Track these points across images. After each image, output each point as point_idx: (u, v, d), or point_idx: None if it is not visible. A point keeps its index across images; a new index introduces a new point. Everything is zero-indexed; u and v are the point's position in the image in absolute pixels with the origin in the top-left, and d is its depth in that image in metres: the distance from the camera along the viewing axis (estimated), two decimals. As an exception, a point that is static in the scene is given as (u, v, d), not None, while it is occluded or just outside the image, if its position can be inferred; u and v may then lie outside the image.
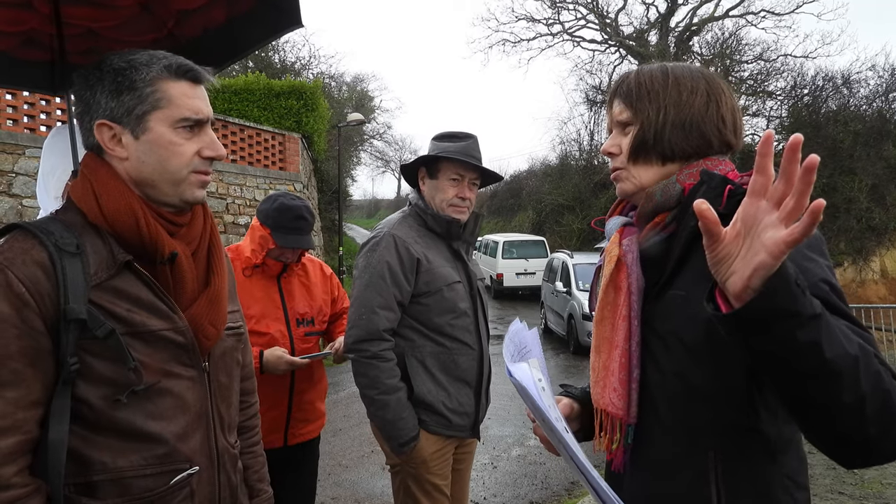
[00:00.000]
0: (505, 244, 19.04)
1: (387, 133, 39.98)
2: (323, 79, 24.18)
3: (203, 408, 1.26)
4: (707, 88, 1.18)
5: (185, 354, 1.23)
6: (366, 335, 2.22)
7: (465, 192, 2.37)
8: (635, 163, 1.20)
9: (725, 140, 1.18)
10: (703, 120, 1.16)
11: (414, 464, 2.27)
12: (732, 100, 1.21)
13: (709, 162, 1.16)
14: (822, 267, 1.00)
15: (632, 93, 1.21)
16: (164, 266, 1.21)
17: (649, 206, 1.18)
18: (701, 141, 1.17)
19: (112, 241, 1.17)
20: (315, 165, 15.61)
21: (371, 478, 5.03)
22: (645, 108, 1.19)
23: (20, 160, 6.86)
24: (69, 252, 1.11)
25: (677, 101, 1.17)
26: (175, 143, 1.19)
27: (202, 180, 1.24)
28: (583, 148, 25.68)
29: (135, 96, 1.17)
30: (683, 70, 1.21)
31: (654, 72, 1.22)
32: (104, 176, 1.19)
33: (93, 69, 1.20)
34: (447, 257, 2.39)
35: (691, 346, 1.06)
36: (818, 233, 0.97)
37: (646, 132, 1.18)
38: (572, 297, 11.02)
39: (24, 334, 1.06)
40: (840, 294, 0.98)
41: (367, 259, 2.31)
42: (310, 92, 13.83)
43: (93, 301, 1.11)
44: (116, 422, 1.14)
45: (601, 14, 24.84)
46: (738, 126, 1.21)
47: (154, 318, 1.18)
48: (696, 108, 1.17)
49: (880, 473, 4.72)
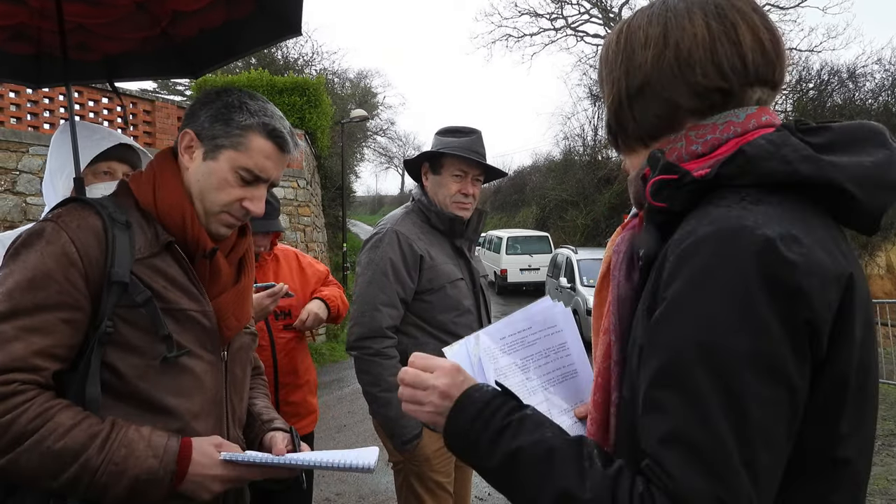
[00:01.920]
0: (509, 240, 19.04)
1: (390, 129, 40.05)
2: (326, 75, 24.21)
3: (218, 394, 1.33)
4: (664, 29, 0.88)
5: (207, 339, 1.30)
6: (368, 332, 2.22)
7: (468, 188, 2.36)
8: (621, 151, 1.01)
9: (705, 89, 0.86)
10: (659, 76, 0.88)
11: (417, 461, 2.27)
12: (712, 24, 0.86)
13: (692, 132, 0.88)
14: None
15: (600, 71, 1.00)
16: (204, 259, 1.31)
17: (633, 197, 0.97)
18: (665, 106, 0.89)
19: (157, 226, 1.26)
20: (318, 162, 15.60)
21: (375, 474, 5.03)
22: (604, 87, 0.98)
23: (24, 158, 6.87)
24: (120, 224, 1.21)
25: (628, 63, 0.91)
26: (227, 182, 1.29)
27: (230, 222, 1.34)
28: (587, 143, 25.62)
29: (225, 130, 1.29)
30: (640, 17, 0.92)
31: (615, 32, 0.96)
32: (168, 173, 1.32)
33: (214, 92, 1.34)
34: (450, 254, 2.38)
35: (635, 369, 0.85)
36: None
37: (609, 115, 0.97)
38: (577, 292, 11.01)
39: (64, 291, 1.14)
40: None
41: (370, 256, 2.30)
42: (313, 88, 13.79)
43: (134, 273, 1.20)
44: (139, 392, 1.19)
45: (604, 8, 24.75)
46: (729, 56, 0.85)
47: (186, 298, 1.27)
48: (650, 63, 0.88)
49: (886, 470, 4.70)
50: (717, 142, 0.86)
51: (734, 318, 0.72)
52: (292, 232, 10.53)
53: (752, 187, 0.80)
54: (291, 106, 13.79)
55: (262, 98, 1.35)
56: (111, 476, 1.11)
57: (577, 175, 24.02)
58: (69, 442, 1.08)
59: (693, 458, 0.71)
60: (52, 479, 1.08)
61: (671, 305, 0.77)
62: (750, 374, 0.71)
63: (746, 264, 0.72)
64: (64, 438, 1.08)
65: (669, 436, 0.73)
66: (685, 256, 0.77)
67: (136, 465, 1.12)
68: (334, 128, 18.29)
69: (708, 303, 0.73)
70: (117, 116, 8.63)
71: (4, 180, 6.66)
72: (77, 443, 1.09)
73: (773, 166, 0.79)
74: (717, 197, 0.81)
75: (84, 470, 1.09)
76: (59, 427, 1.08)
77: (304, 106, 13.62)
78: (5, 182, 6.67)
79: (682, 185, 0.82)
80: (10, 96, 7.34)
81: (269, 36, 2.14)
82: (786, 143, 0.80)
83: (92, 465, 1.10)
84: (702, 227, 0.77)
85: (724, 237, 0.75)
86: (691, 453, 0.71)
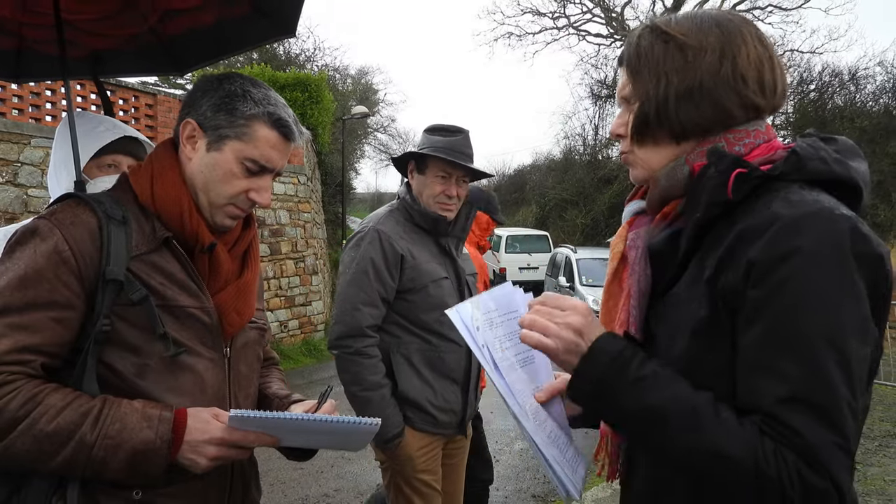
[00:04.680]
0: (508, 238, 19.03)
1: (391, 126, 39.88)
2: (327, 71, 24.13)
3: (221, 391, 1.30)
4: (720, 41, 0.97)
5: (208, 335, 1.28)
6: (348, 331, 2.21)
7: (451, 190, 2.34)
8: (641, 144, 1.05)
9: (751, 103, 0.98)
10: (715, 84, 0.97)
11: (400, 461, 2.26)
12: (758, 48, 0.98)
13: (730, 135, 0.99)
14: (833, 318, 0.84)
15: (631, 62, 1.05)
16: (203, 254, 1.28)
17: (655, 192, 1.04)
18: (716, 110, 0.98)
19: (155, 221, 1.25)
20: (319, 158, 15.58)
21: (374, 470, 5.04)
22: (644, 80, 1.02)
23: (26, 150, 6.87)
24: (116, 220, 1.19)
25: (681, 65, 0.98)
26: (232, 174, 1.27)
27: (236, 214, 1.32)
28: (587, 142, 25.57)
29: (229, 120, 1.26)
30: (689, 22, 1.01)
31: (655, 33, 1.03)
32: (166, 165, 1.29)
33: (216, 79, 1.30)
34: (434, 253, 2.37)
35: (682, 355, 0.95)
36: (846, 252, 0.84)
37: (647, 108, 1.01)
38: (576, 292, 11.02)
39: (55, 290, 1.13)
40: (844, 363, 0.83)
41: (352, 255, 2.30)
42: (315, 84, 13.78)
43: (131, 270, 1.18)
44: (138, 390, 1.18)
45: (607, 8, 24.71)
46: (768, 81, 0.99)
47: (184, 295, 1.24)
48: (705, 70, 0.97)
49: (883, 470, 4.72)
50: (753, 145, 0.99)
51: (841, 287, 0.84)
52: (292, 228, 10.53)
53: (797, 182, 0.93)
54: (293, 102, 13.75)
55: (264, 85, 1.32)
56: (108, 451, 1.10)
57: (578, 174, 23.99)
58: (62, 422, 1.08)
59: (816, 415, 0.82)
60: (50, 461, 1.08)
61: (778, 278, 0.85)
62: (855, 338, 0.84)
63: (843, 238, 0.85)
64: (56, 419, 1.08)
65: (792, 397, 0.83)
66: (785, 235, 0.86)
67: (132, 437, 1.11)
68: (335, 124, 18.27)
69: (817, 275, 0.84)
70: (120, 110, 8.62)
71: (6, 172, 6.65)
72: (70, 422, 1.09)
73: (816, 165, 0.93)
74: (770, 190, 0.93)
75: (80, 448, 1.09)
76: (51, 409, 1.08)
77: (305, 102, 13.60)
78: (7, 174, 6.66)
79: (750, 179, 0.92)
80: (12, 88, 7.33)
81: (262, 36, 2.11)
82: (821, 148, 0.96)
83: (87, 441, 1.09)
84: (787, 210, 0.88)
85: (823, 216, 0.86)
86: (814, 411, 0.82)
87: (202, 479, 1.23)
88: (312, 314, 10.81)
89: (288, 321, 10.20)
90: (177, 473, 1.18)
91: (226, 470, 1.29)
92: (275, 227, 10.07)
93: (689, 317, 0.95)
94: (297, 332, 10.37)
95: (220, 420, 1.18)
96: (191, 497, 1.23)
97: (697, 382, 0.92)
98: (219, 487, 1.29)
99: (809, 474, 0.81)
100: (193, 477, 1.21)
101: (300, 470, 4.97)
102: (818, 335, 0.83)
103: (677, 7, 23.45)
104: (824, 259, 0.84)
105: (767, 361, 0.86)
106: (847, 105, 18.10)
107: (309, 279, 10.84)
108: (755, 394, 0.86)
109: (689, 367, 0.94)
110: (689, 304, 0.95)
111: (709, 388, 0.91)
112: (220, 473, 1.28)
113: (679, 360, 0.95)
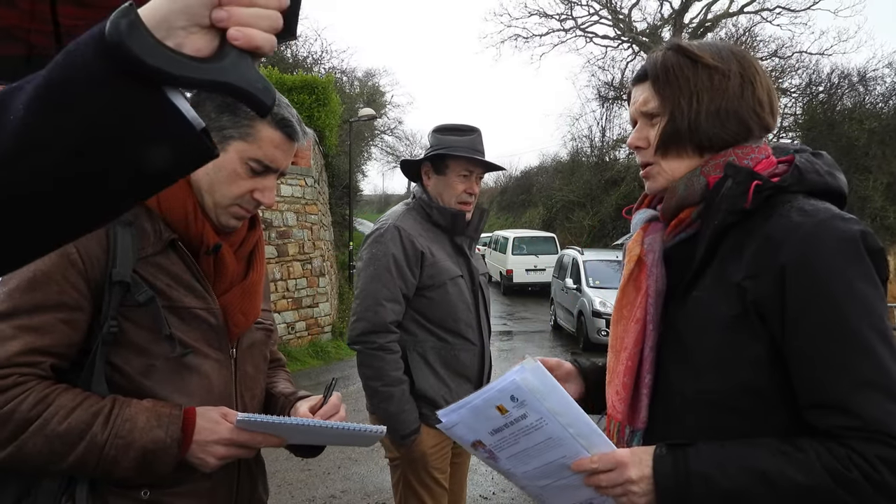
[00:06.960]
0: (515, 240, 19.02)
1: (398, 128, 39.90)
2: (335, 73, 24.21)
3: (227, 392, 1.31)
4: (740, 70, 1.10)
5: (214, 336, 1.28)
6: (372, 327, 2.23)
7: (473, 187, 2.38)
8: (665, 156, 1.14)
9: (764, 123, 1.12)
10: (739, 106, 1.09)
11: (413, 457, 2.28)
12: (767, 78, 1.14)
13: (739, 151, 1.10)
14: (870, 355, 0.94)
15: (658, 79, 1.13)
16: (208, 256, 1.28)
17: (672, 200, 1.13)
18: (739, 127, 1.10)
19: (161, 223, 1.25)
20: (326, 160, 15.61)
21: (380, 471, 5.05)
22: (674, 97, 1.11)
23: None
24: (122, 222, 1.19)
25: (709, 86, 1.09)
26: (236, 174, 1.27)
27: (241, 214, 1.31)
28: (594, 144, 25.56)
29: (232, 121, 1.26)
30: (711, 49, 1.13)
31: (681, 54, 1.13)
32: None
33: None
34: (449, 252, 2.39)
35: (710, 352, 1.04)
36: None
37: (678, 122, 1.11)
38: (582, 293, 10.99)
39: (63, 292, 1.14)
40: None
41: (373, 251, 2.30)
42: (322, 87, 13.82)
43: (137, 272, 1.19)
44: (145, 391, 1.19)
45: (614, 10, 24.68)
46: (775, 106, 1.14)
47: (190, 296, 1.25)
48: (731, 92, 1.09)
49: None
50: (757, 160, 1.10)
51: (866, 279, 0.96)
52: (299, 230, 10.56)
53: (799, 193, 1.04)
54: (300, 104, 13.80)
55: None
56: (119, 450, 1.11)
57: (585, 176, 23.97)
58: (73, 422, 1.09)
59: (883, 396, 0.91)
60: (61, 461, 1.09)
61: (814, 278, 0.96)
62: (885, 317, 0.96)
63: (857, 238, 0.97)
64: (68, 419, 1.09)
65: (862, 384, 0.92)
66: (811, 239, 0.97)
67: (142, 436, 1.12)
68: (342, 126, 18.33)
69: (846, 271, 0.95)
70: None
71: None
72: (81, 422, 1.09)
73: (813, 178, 1.06)
74: (779, 201, 1.03)
75: (91, 447, 1.09)
76: (62, 409, 1.09)
77: (312, 104, 13.64)
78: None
79: (764, 190, 1.03)
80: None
81: None
82: (814, 162, 1.09)
83: (98, 441, 1.10)
84: (805, 218, 0.99)
85: (837, 221, 0.98)
86: (880, 393, 0.91)
87: (210, 478, 1.24)
88: (319, 316, 10.83)
89: (295, 323, 10.22)
90: (184, 473, 1.19)
91: (233, 469, 1.30)
92: (282, 229, 10.10)
93: (716, 315, 1.03)
94: (304, 334, 10.39)
95: (229, 420, 1.19)
96: (199, 497, 1.24)
97: (729, 371, 1.01)
98: (226, 487, 1.30)
99: (889, 453, 0.89)
100: (201, 476, 1.22)
101: (307, 471, 4.98)
102: (863, 325, 0.93)
103: (684, 9, 23.41)
104: (848, 258, 0.95)
105: (825, 355, 0.94)
106: (856, 107, 18.02)
107: (316, 281, 10.86)
108: (821, 388, 0.95)
109: (720, 356, 1.03)
110: (715, 304, 1.04)
111: (744, 378, 1.00)
112: (228, 473, 1.28)
113: (709, 351, 1.04)
